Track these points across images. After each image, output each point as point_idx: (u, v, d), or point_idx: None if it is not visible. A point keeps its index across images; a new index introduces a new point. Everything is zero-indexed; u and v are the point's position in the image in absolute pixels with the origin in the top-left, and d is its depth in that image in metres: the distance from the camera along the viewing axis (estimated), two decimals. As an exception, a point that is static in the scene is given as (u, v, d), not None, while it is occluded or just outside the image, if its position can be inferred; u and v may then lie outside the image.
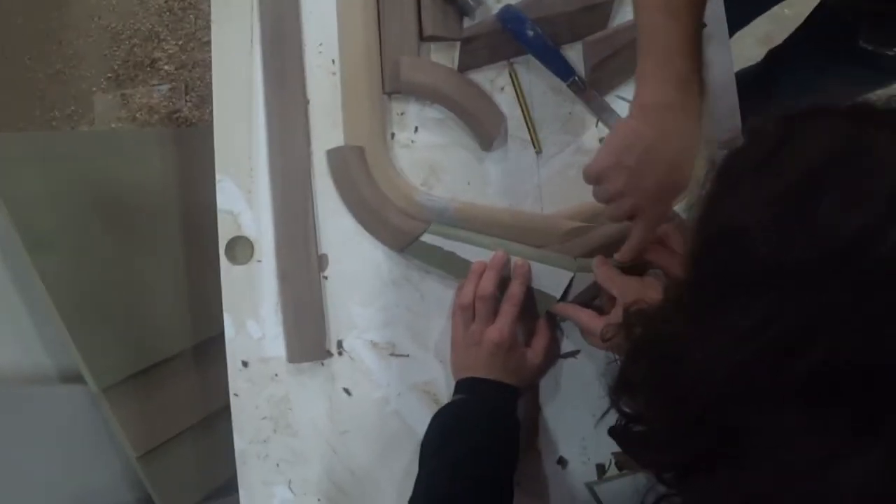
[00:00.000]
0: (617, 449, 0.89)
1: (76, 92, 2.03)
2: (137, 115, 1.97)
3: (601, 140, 0.91)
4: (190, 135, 1.61)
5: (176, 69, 2.00)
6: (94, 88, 2.02)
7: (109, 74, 2.02)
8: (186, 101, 1.97)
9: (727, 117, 0.92)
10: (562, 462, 0.89)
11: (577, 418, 0.89)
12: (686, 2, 0.65)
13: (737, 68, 1.33)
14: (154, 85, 2.00)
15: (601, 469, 0.89)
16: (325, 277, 0.89)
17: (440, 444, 0.78)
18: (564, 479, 0.88)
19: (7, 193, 0.95)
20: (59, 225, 1.02)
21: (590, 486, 0.87)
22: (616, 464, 0.89)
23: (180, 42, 2.01)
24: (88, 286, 1.05)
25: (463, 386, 0.82)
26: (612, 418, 0.88)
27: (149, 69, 2.01)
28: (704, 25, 0.87)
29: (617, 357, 0.51)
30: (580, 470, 0.89)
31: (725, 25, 0.92)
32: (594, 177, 0.72)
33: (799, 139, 0.41)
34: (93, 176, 1.12)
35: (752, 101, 0.90)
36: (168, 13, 2.02)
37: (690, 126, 0.67)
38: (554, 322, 0.88)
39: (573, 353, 0.89)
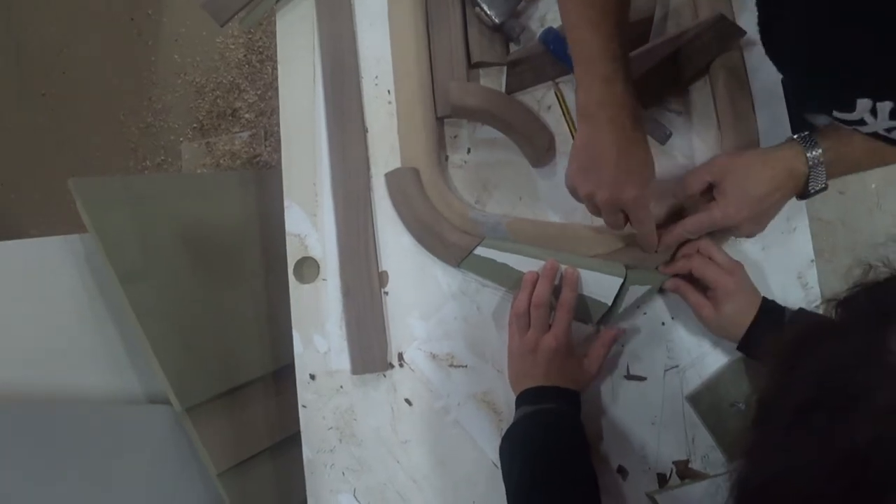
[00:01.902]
0: (678, 457, 0.89)
1: (165, 143, 2.18)
2: (221, 161, 2.10)
3: (648, 151, 0.93)
4: (268, 176, 1.71)
5: (256, 117, 2.13)
6: (182, 139, 2.17)
7: (195, 125, 2.17)
8: (266, 145, 2.09)
9: (775, 120, 0.92)
10: (622, 471, 0.89)
11: (637, 428, 0.89)
12: (603, 13, 0.72)
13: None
14: (236, 132, 2.13)
15: (662, 478, 0.89)
16: (386, 293, 0.94)
17: (518, 467, 0.79)
18: (624, 488, 0.88)
19: (102, 231, 1.04)
20: (149, 259, 1.10)
21: (651, 496, 0.87)
22: (677, 473, 0.89)
23: (259, 91, 2.14)
24: (175, 314, 1.12)
25: (524, 398, 0.84)
26: (673, 427, 0.89)
27: (230, 118, 2.14)
28: (744, 33, 0.89)
29: None
30: (641, 479, 0.89)
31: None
32: (571, 192, 0.81)
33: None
34: (179, 215, 1.21)
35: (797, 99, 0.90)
36: (247, 66, 2.16)
37: (622, 116, 0.73)
38: (612, 335, 0.89)
39: (640, 378, 0.90)
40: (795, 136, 0.77)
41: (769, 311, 0.80)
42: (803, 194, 0.79)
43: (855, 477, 0.37)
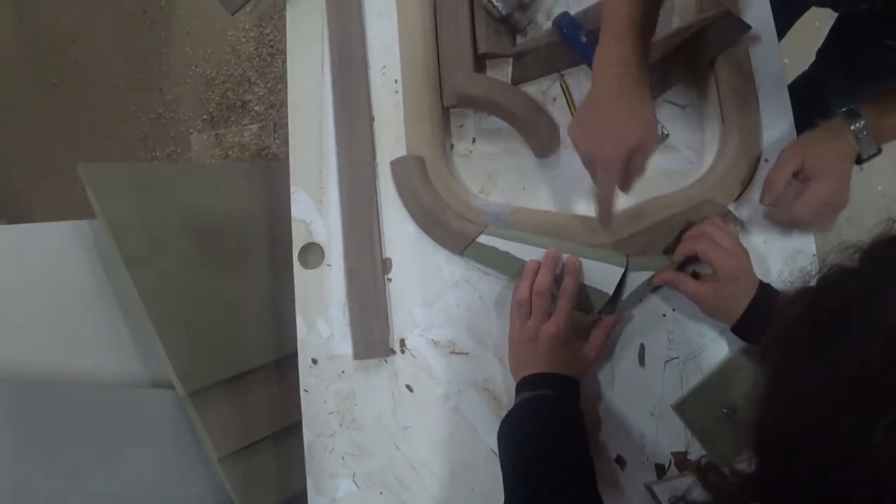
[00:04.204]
0: (676, 448, 0.89)
1: (175, 133, 2.20)
2: (230, 153, 2.11)
3: (651, 144, 0.94)
4: (276, 168, 1.72)
5: (265, 109, 2.15)
6: (192, 130, 2.19)
7: (205, 116, 2.18)
8: (275, 138, 2.11)
9: (779, 115, 0.93)
10: (620, 462, 0.89)
11: (636, 418, 0.90)
12: None
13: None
14: (245, 125, 2.14)
15: (660, 469, 0.89)
16: (389, 279, 0.95)
17: (514, 451, 0.80)
18: (622, 478, 0.89)
19: (110, 216, 1.05)
20: (155, 245, 1.11)
21: (649, 487, 0.88)
22: (675, 464, 0.89)
23: (269, 84, 2.15)
24: (180, 300, 1.13)
25: (524, 384, 0.84)
26: (672, 419, 0.89)
27: (240, 110, 2.16)
28: (749, 28, 0.90)
29: None
30: (639, 470, 0.89)
31: (773, 28, 0.94)
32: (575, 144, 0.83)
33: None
34: (186, 203, 1.22)
35: (807, 102, 0.91)
36: (258, 59, 2.18)
37: (626, 77, 0.77)
38: (612, 320, 0.90)
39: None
40: (839, 112, 0.83)
41: (766, 295, 0.81)
42: (859, 160, 0.83)
43: (866, 390, 0.38)
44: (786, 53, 1.85)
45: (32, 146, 2.31)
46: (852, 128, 0.81)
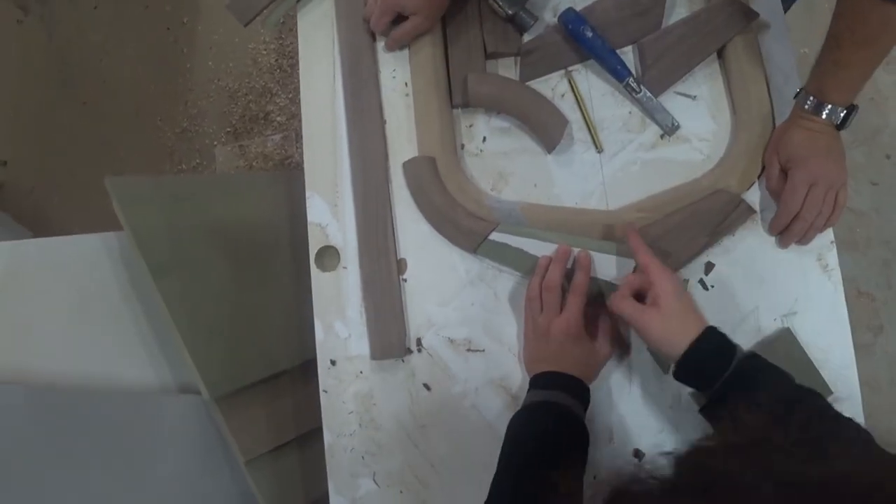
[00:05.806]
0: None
1: (200, 146, 2.24)
2: (254, 164, 2.14)
3: (662, 136, 0.93)
4: (298, 176, 1.74)
5: (287, 119, 2.18)
6: (216, 142, 2.23)
7: (228, 129, 2.22)
8: (297, 147, 2.13)
9: (791, 103, 0.91)
10: (638, 454, 0.89)
11: (653, 409, 0.89)
12: None
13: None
14: (268, 135, 2.17)
15: (680, 462, 0.88)
16: (405, 280, 0.96)
17: (510, 452, 0.80)
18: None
19: (135, 227, 1.08)
20: (180, 254, 1.13)
21: (669, 480, 0.87)
22: (696, 458, 0.88)
23: (290, 95, 2.19)
24: (205, 307, 1.15)
25: (535, 381, 0.84)
26: (691, 412, 0.88)
27: (263, 121, 2.19)
28: (757, 16, 0.89)
29: None
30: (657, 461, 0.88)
31: (782, 16, 0.93)
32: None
33: None
34: (210, 212, 1.24)
35: None
36: (279, 70, 2.21)
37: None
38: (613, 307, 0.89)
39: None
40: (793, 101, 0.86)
41: (714, 337, 0.76)
42: (837, 127, 0.84)
43: None
44: (806, 43, 1.83)
45: (63, 162, 2.37)
46: (806, 107, 0.82)
